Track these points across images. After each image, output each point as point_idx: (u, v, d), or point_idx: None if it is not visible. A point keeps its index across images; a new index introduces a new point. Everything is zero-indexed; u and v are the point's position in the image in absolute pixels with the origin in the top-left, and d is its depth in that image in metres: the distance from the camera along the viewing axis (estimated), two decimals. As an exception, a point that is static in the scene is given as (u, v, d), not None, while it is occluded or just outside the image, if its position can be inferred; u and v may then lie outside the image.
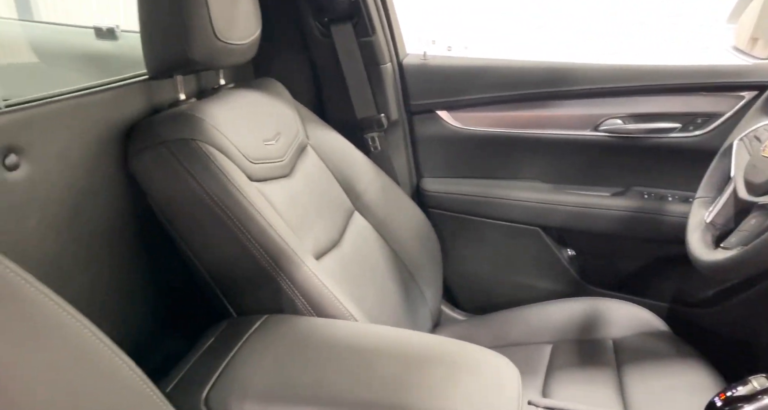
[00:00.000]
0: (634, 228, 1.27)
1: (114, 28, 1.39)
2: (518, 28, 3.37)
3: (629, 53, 3.14)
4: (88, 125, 0.85)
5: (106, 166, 0.88)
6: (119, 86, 0.92)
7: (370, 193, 1.21)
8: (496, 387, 0.68)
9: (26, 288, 0.52)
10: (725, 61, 1.19)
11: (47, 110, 0.78)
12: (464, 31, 3.03)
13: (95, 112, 0.87)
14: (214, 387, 0.68)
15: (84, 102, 0.85)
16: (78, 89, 0.86)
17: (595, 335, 1.17)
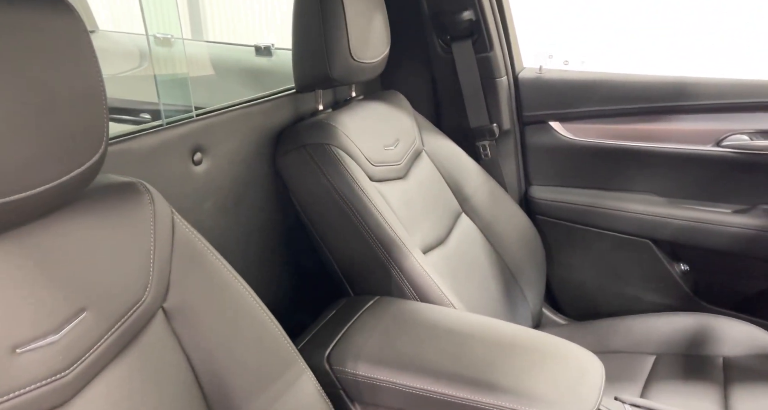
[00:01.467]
0: (757, 248, 1.21)
1: (270, 46, 1.62)
2: (638, 43, 3.29)
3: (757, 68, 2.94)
4: (249, 130, 1.05)
5: (260, 164, 1.08)
6: (274, 99, 1.12)
7: (478, 197, 1.30)
8: (580, 375, 0.74)
9: (208, 254, 0.70)
10: None
11: (223, 118, 0.99)
12: (583, 45, 3.04)
13: (255, 120, 1.06)
14: (334, 349, 0.82)
15: (248, 111, 1.05)
16: (244, 101, 1.07)
17: (705, 351, 1.15)
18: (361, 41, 1.07)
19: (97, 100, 0.53)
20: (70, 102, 0.50)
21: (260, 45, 1.67)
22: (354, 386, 0.80)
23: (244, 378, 0.68)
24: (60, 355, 0.52)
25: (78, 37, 0.52)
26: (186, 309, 0.65)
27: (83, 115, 0.52)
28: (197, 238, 0.69)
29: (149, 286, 0.61)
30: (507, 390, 0.72)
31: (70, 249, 0.56)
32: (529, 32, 1.47)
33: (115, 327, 0.57)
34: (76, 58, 0.51)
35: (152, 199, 0.66)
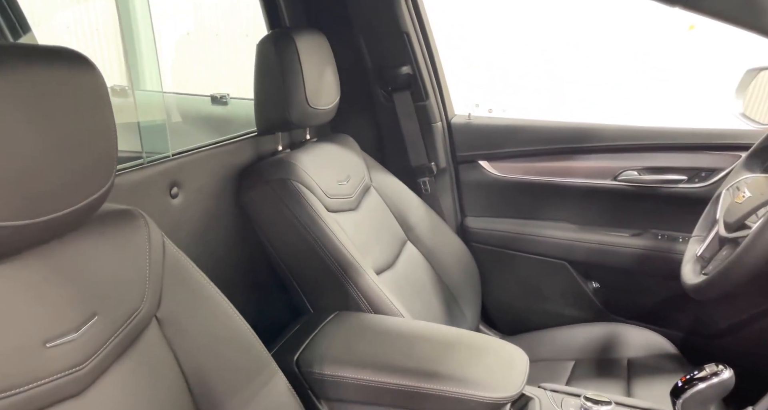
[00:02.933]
0: (651, 265, 1.45)
1: (225, 95, 1.76)
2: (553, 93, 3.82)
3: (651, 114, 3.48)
4: (217, 168, 1.18)
5: (226, 198, 1.20)
6: (238, 140, 1.26)
7: (421, 227, 1.47)
8: (509, 364, 0.91)
9: (194, 272, 0.82)
10: (726, 126, 1.40)
11: (194, 157, 1.12)
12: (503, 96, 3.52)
13: (222, 159, 1.20)
14: (302, 354, 0.95)
15: (216, 152, 1.18)
16: (212, 143, 1.20)
17: (613, 355, 1.35)
18: (315, 90, 1.24)
19: (110, 140, 0.66)
20: (90, 141, 0.62)
21: (216, 94, 1.80)
22: (320, 385, 0.92)
23: (225, 378, 0.79)
24: (79, 351, 0.62)
25: (98, 89, 0.64)
26: (175, 318, 0.77)
27: (99, 152, 0.64)
28: (184, 258, 0.82)
29: (145, 298, 0.73)
30: (450, 378, 0.87)
31: (83, 264, 0.67)
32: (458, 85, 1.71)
33: (119, 331, 0.68)
34: (96, 106, 0.64)
35: (146, 224, 0.78)
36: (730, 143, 1.36)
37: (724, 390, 0.82)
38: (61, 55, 0.61)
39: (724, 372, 0.83)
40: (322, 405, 0.94)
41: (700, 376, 0.84)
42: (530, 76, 4.09)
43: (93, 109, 0.63)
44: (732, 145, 1.36)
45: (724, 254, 0.99)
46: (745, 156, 1.16)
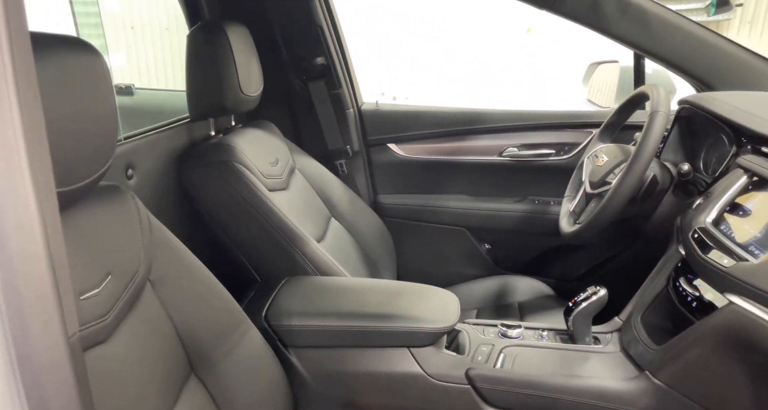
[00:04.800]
0: (530, 225, 1.76)
1: (131, 86, 1.76)
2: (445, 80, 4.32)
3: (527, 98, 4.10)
4: (159, 151, 1.24)
5: (169, 179, 1.26)
6: (175, 126, 1.32)
7: (342, 204, 1.64)
8: (444, 304, 1.12)
9: (174, 240, 0.91)
10: (581, 109, 1.75)
11: (141, 142, 1.17)
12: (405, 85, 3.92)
13: (164, 143, 1.26)
14: (268, 311, 1.07)
15: (157, 136, 1.24)
16: (150, 129, 1.25)
17: (507, 301, 1.63)
18: (247, 78, 1.34)
19: (112, 122, 0.74)
20: (95, 124, 0.69)
21: (121, 85, 1.79)
22: (289, 335, 1.06)
23: (209, 330, 0.90)
24: (102, 304, 0.71)
25: (102, 75, 0.72)
26: (164, 281, 0.86)
27: (103, 133, 0.72)
28: (165, 229, 0.90)
29: (141, 261, 0.81)
30: (400, 317, 1.06)
31: (92, 231, 0.75)
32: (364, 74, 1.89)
33: (127, 288, 0.77)
34: (100, 91, 0.71)
35: (133, 197, 0.86)
36: (585, 122, 1.71)
37: (600, 305, 1.11)
38: (66, 42, 0.67)
39: (600, 291, 1.11)
40: (290, 353, 1.07)
41: (584, 297, 1.12)
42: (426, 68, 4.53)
43: (97, 94, 0.70)
44: (586, 124, 1.70)
45: (592, 206, 1.29)
46: (598, 131, 1.48)
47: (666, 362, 0.95)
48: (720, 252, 0.91)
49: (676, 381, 0.94)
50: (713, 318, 0.88)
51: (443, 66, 4.50)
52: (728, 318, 0.85)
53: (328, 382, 1.07)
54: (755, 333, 0.79)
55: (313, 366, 1.07)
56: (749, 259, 0.85)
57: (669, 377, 0.95)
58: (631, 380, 1.00)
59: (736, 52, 1.43)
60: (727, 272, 0.86)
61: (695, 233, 1.00)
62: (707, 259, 0.92)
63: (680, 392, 0.94)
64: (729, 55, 1.43)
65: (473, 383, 1.04)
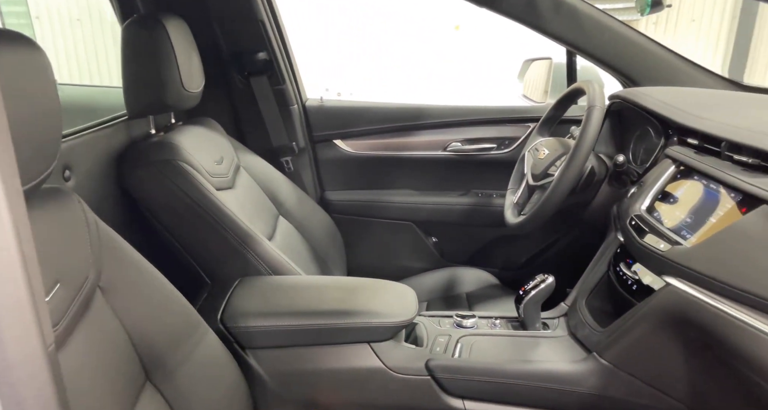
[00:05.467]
0: (474, 218, 1.81)
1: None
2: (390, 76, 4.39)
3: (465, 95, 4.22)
4: (97, 151, 1.17)
5: (109, 180, 1.20)
6: (113, 124, 1.25)
7: (289, 202, 1.61)
8: (402, 298, 1.13)
9: (123, 243, 0.87)
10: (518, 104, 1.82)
11: (78, 141, 1.10)
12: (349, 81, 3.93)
13: (101, 142, 1.19)
14: (224, 313, 1.05)
15: (94, 136, 1.17)
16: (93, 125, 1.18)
17: (455, 292, 1.68)
18: (188, 73, 1.29)
19: (56, 121, 0.70)
20: (37, 123, 0.65)
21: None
22: (246, 336, 1.04)
23: (165, 336, 0.87)
24: (52, 314, 0.68)
25: (44, 71, 0.68)
26: (115, 287, 0.82)
27: (46, 133, 0.68)
28: (114, 232, 0.86)
29: (90, 268, 0.77)
30: (359, 313, 1.06)
31: (39, 237, 0.70)
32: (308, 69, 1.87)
33: (77, 297, 0.73)
34: (42, 88, 0.67)
35: (79, 200, 0.81)
36: (523, 116, 1.78)
37: (549, 292, 1.17)
38: (4, 36, 0.63)
39: (548, 279, 1.17)
40: (247, 355, 1.05)
41: (533, 285, 1.17)
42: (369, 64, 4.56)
43: (39, 90, 0.66)
44: (524, 118, 1.77)
45: (536, 197, 1.35)
46: (536, 126, 1.55)
47: (611, 343, 1.02)
48: (656, 237, 0.98)
49: (621, 361, 1.00)
50: (652, 300, 0.95)
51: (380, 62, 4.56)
52: (666, 299, 0.92)
53: (288, 382, 1.06)
54: (691, 311, 0.86)
55: (272, 367, 1.05)
56: (682, 243, 0.92)
57: (614, 357, 1.01)
58: (580, 362, 1.05)
59: (657, 51, 1.54)
60: (663, 256, 0.93)
61: (632, 220, 1.07)
62: (644, 244, 0.99)
63: (625, 370, 1.00)
64: (652, 53, 1.54)
65: (433, 374, 1.06)
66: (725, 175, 0.90)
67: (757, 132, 0.90)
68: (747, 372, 0.80)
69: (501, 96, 3.34)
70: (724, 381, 0.90)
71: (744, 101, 1.24)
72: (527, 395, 1.05)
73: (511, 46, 3.87)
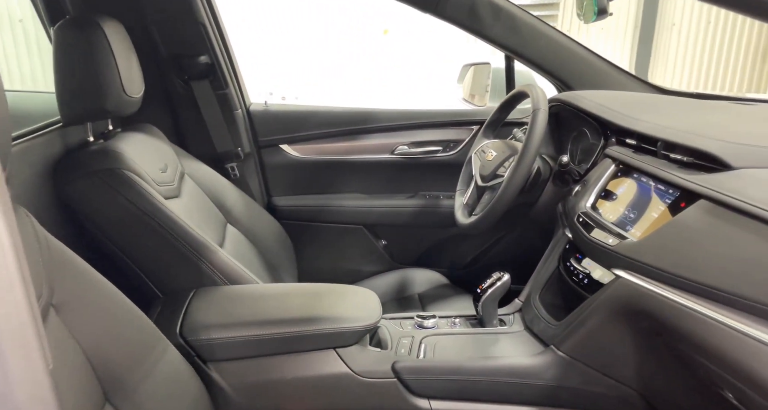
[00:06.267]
0: (422, 220, 1.84)
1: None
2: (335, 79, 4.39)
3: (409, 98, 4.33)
4: (33, 161, 1.09)
5: (46, 191, 1.11)
6: (46, 132, 1.16)
7: (237, 209, 1.57)
8: (366, 302, 1.13)
9: (75, 258, 0.82)
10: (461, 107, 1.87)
11: (15, 150, 1.01)
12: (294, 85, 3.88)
13: (37, 151, 1.11)
14: (183, 327, 1.00)
15: (31, 143, 1.09)
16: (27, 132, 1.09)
17: (406, 294, 1.70)
18: (128, 77, 1.23)
19: (3, 124, 0.64)
20: None
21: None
22: (209, 349, 1.00)
23: (124, 354, 0.83)
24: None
25: None
26: (69, 305, 0.77)
27: None
28: (65, 247, 0.80)
29: (42, 286, 0.72)
30: (325, 319, 1.05)
31: None
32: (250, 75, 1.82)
33: None
34: None
35: (28, 215, 0.75)
36: (466, 119, 1.83)
37: (505, 289, 1.21)
38: None
39: (504, 276, 1.21)
40: (209, 368, 1.01)
41: (489, 283, 1.21)
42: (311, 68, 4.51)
43: None
44: (468, 121, 1.83)
45: (486, 198, 1.39)
46: (482, 128, 1.60)
47: (567, 335, 1.07)
48: (603, 232, 1.04)
49: (577, 352, 1.06)
50: (604, 292, 1.00)
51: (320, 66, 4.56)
52: (617, 291, 0.98)
53: (253, 394, 1.03)
54: (641, 301, 0.92)
55: (236, 379, 1.02)
56: (629, 237, 0.98)
57: (570, 348, 1.06)
58: (538, 355, 1.10)
59: (589, 57, 1.63)
60: (612, 250, 0.99)
61: (579, 217, 1.13)
62: (593, 239, 1.05)
63: (581, 361, 1.05)
64: (584, 59, 1.63)
65: (399, 376, 1.07)
66: (664, 173, 0.97)
67: (690, 132, 0.98)
68: (693, 354, 0.87)
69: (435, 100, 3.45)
70: (670, 365, 0.97)
71: (672, 104, 1.35)
72: (490, 390, 1.09)
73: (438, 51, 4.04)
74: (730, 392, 0.88)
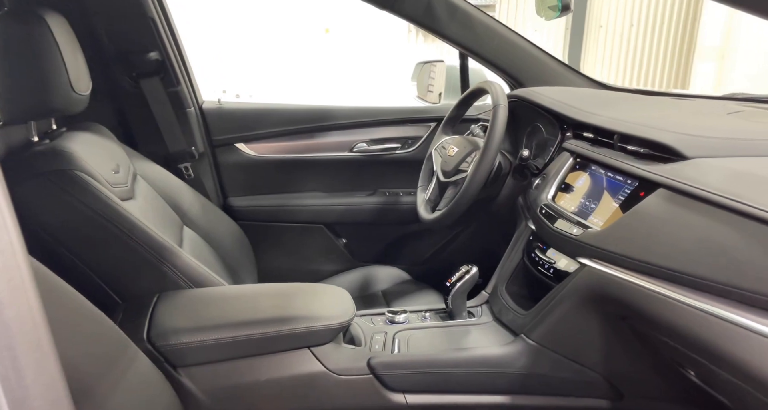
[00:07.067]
0: (383, 217, 1.85)
1: None
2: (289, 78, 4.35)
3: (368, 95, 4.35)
4: None
5: None
6: None
7: (193, 211, 1.51)
8: (339, 300, 1.12)
9: (43, 268, 0.76)
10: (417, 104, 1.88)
11: None
12: (248, 82, 3.77)
13: None
14: (150, 332, 0.96)
15: None
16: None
17: (370, 291, 1.69)
18: (76, 74, 1.16)
19: None
20: None
21: None
22: (179, 354, 0.96)
23: (92, 363, 0.78)
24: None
25: None
26: None
27: None
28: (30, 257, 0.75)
29: None
30: (298, 318, 1.03)
31: None
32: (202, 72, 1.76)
33: None
34: None
35: None
36: (424, 116, 1.84)
37: (473, 282, 1.23)
38: None
39: (472, 269, 1.23)
40: (180, 374, 0.97)
41: (458, 276, 1.22)
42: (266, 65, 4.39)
43: None
44: (425, 118, 1.84)
45: (449, 193, 1.41)
46: (441, 125, 1.62)
47: (536, 324, 1.10)
48: (567, 222, 1.08)
49: (546, 340, 1.09)
50: (570, 281, 1.04)
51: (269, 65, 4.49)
52: (583, 279, 1.01)
53: (226, 399, 1.00)
54: (608, 288, 0.96)
55: (208, 384, 0.98)
56: (592, 227, 1.02)
57: (540, 337, 1.09)
58: (508, 344, 1.12)
59: (539, 55, 1.69)
60: (577, 239, 1.02)
61: (542, 209, 1.17)
62: (557, 230, 1.09)
63: (550, 348, 1.09)
64: (535, 57, 1.68)
65: (375, 372, 1.06)
66: (622, 164, 1.01)
67: (644, 125, 1.03)
68: (658, 335, 0.91)
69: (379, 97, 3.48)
70: (634, 348, 1.02)
71: (622, 99, 1.41)
72: (463, 382, 1.10)
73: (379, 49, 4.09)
74: (692, 369, 0.94)
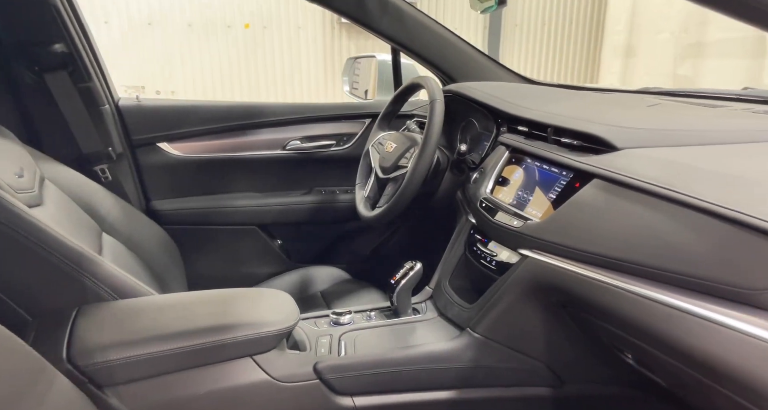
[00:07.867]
0: (319, 216, 1.80)
1: None
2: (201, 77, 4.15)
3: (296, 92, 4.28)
4: None
5: None
6: None
7: (113, 216, 1.39)
8: (283, 304, 1.06)
9: None
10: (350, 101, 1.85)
11: None
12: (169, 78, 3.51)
13: None
14: (70, 351, 0.86)
15: None
16: None
17: (309, 293, 1.64)
18: None
19: None
20: None
21: None
22: (104, 373, 0.86)
23: (4, 389, 0.68)
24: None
25: None
26: None
27: None
28: None
29: None
30: (239, 326, 0.96)
31: None
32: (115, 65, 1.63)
33: None
34: None
35: None
36: (358, 113, 1.81)
37: (418, 278, 1.21)
38: None
39: (416, 266, 1.21)
40: (106, 394, 0.87)
41: (402, 273, 1.20)
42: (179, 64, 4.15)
43: None
44: (359, 114, 1.81)
45: (389, 190, 1.39)
46: (377, 121, 1.59)
47: (481, 317, 1.09)
48: (507, 215, 1.09)
49: (491, 332, 1.09)
50: (513, 272, 1.05)
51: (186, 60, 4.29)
52: (525, 270, 1.02)
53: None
54: (549, 277, 0.97)
55: (140, 402, 0.90)
56: (531, 219, 1.03)
57: (485, 329, 1.09)
58: (454, 339, 1.12)
59: (470, 51, 1.70)
60: (518, 231, 1.03)
61: (482, 202, 1.17)
62: (498, 223, 1.09)
63: (495, 340, 1.09)
64: (465, 53, 1.70)
65: (321, 376, 1.02)
66: (557, 156, 1.03)
67: (576, 118, 1.06)
68: (598, 321, 0.93)
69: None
70: (575, 335, 1.04)
71: (552, 93, 1.45)
72: (411, 379, 1.08)
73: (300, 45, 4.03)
74: (630, 353, 0.97)
